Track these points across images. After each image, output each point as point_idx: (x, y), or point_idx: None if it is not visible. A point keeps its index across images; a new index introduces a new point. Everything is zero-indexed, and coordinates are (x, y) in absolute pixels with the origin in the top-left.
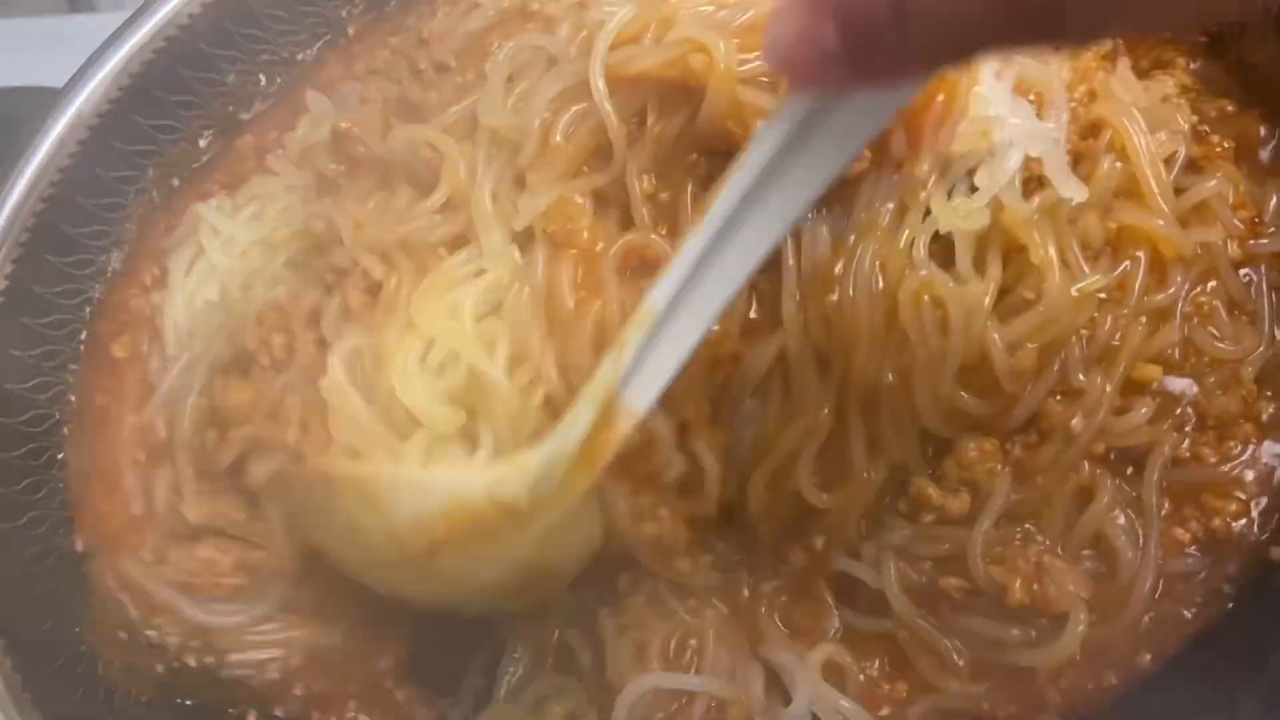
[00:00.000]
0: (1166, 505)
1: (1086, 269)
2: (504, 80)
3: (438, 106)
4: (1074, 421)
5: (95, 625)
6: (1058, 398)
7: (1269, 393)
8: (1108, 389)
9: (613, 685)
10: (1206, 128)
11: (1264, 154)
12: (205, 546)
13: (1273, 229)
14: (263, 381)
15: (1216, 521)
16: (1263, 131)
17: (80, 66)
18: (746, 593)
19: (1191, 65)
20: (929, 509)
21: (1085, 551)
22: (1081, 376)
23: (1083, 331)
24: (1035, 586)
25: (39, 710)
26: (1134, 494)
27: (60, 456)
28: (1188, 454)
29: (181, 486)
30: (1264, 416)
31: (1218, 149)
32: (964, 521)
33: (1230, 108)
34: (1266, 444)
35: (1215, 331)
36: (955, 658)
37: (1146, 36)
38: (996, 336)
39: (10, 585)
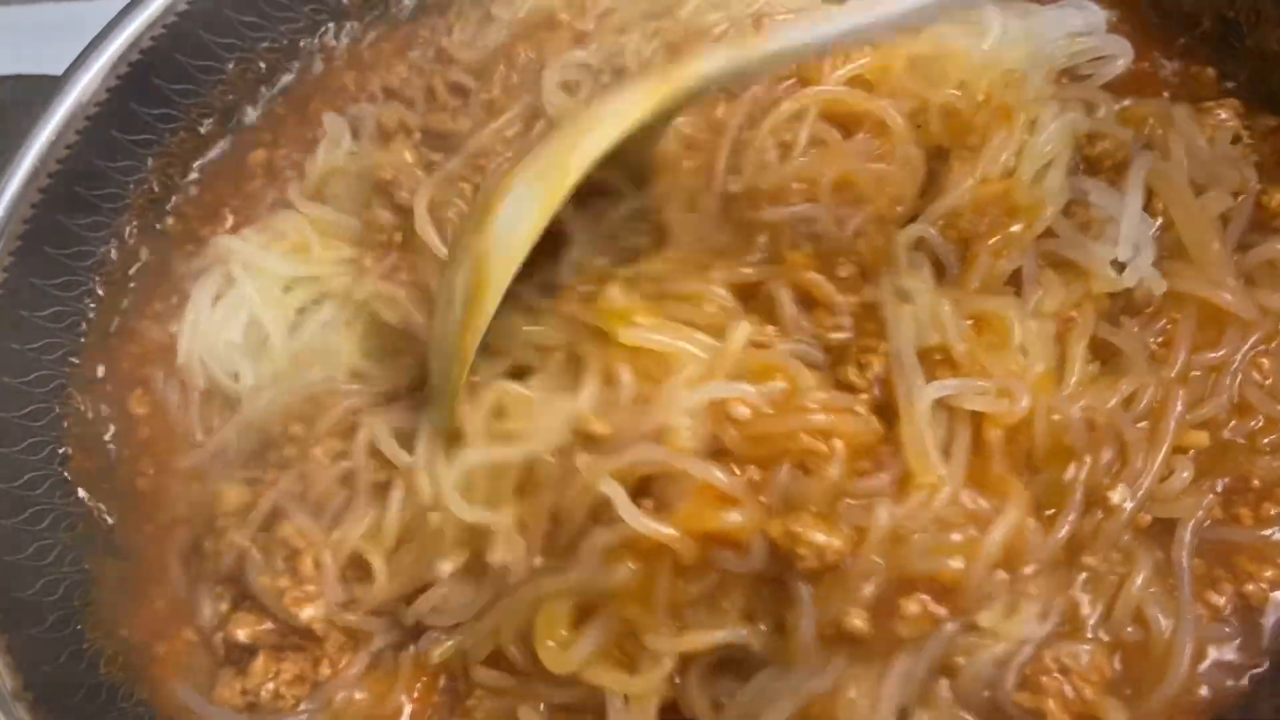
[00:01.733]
0: (1200, 566)
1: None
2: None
3: (469, 133)
4: (1113, 494)
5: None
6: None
7: None
8: (1156, 459)
9: None
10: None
11: None
12: (259, 662)
13: None
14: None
15: (1250, 587)
16: None
17: (79, 54)
18: None
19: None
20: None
21: (1129, 629)
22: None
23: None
24: (1070, 696)
25: (42, 709)
26: (1163, 556)
27: (61, 451)
28: (1221, 515)
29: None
30: None
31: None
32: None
33: (1273, 122)
34: None
35: (1273, 391)
36: None
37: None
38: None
39: (11, 581)
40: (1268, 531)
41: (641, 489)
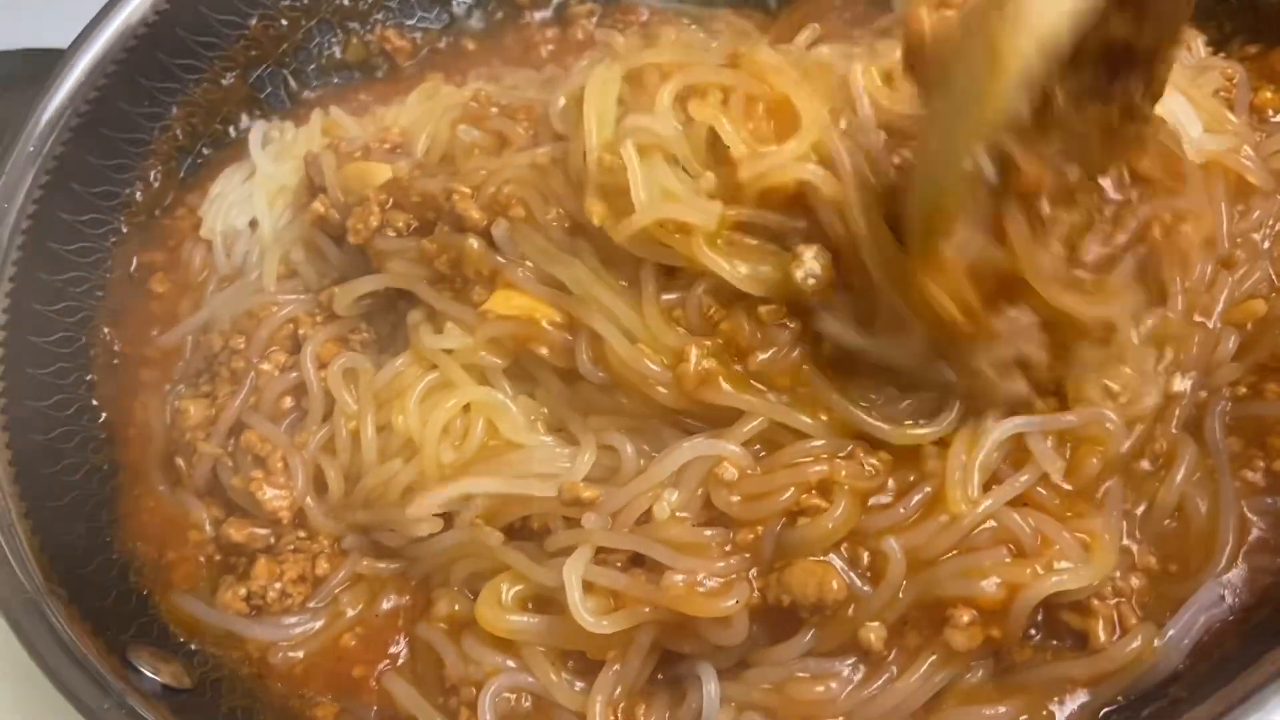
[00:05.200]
0: (1235, 444)
1: None
2: None
3: None
4: (1174, 381)
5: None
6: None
7: None
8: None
9: None
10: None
11: None
12: (261, 565)
13: None
14: (219, 391)
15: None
16: None
17: (105, 4)
18: None
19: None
20: None
21: (1167, 522)
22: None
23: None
24: (1116, 623)
25: (76, 609)
26: (1199, 441)
27: (89, 378)
28: (1247, 392)
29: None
30: None
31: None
32: None
33: (1254, 49)
34: None
35: None
36: None
37: None
38: None
39: (44, 491)
40: None
41: (636, 557)
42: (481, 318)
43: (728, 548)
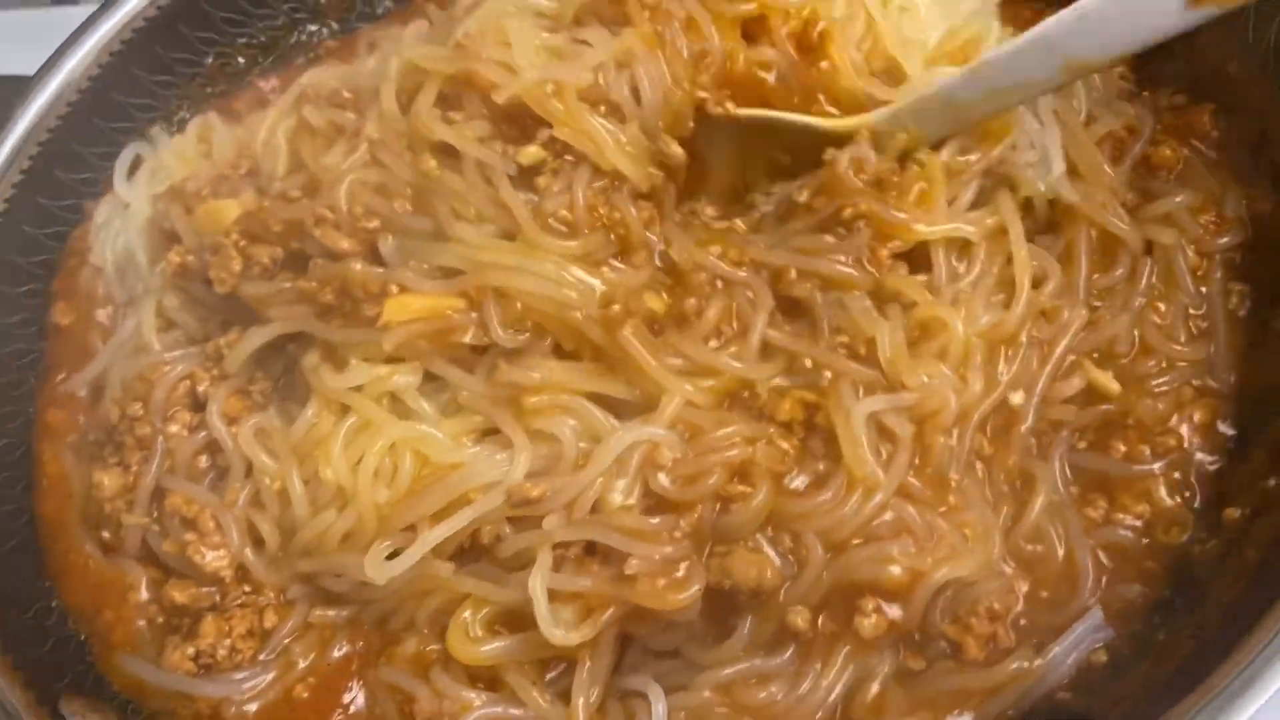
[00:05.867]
0: (1076, 492)
1: None
2: None
3: None
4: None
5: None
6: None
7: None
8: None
9: None
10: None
11: (1211, 149)
12: (209, 623)
13: (1230, 229)
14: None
15: (1124, 517)
16: (1206, 121)
17: (64, 42)
18: None
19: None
20: None
21: (1031, 547)
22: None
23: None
24: (990, 643)
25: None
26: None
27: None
28: (1085, 445)
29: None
30: (1187, 435)
31: (1168, 151)
32: None
33: (1181, 100)
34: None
35: (1170, 333)
36: None
37: None
38: None
39: None
40: (1138, 467)
41: (589, 546)
42: (384, 330)
43: (676, 533)
